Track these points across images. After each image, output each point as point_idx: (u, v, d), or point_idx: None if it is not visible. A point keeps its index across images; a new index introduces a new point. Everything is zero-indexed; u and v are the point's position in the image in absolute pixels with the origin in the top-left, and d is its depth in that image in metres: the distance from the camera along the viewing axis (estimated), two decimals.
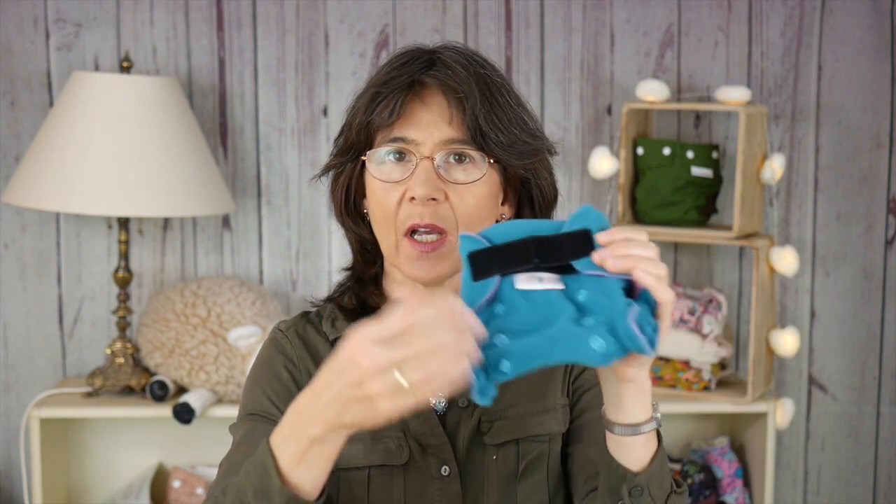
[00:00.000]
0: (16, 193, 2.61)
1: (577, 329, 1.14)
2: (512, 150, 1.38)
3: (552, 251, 1.18)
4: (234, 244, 2.90)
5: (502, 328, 1.17)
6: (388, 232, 1.39)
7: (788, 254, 2.75)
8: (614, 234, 1.17)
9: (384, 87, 1.38)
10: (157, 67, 2.85)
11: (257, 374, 1.46)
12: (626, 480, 1.28)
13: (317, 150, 2.89)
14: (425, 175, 1.36)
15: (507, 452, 1.42)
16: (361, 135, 1.40)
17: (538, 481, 1.44)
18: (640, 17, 2.92)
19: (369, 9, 2.88)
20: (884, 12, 2.95)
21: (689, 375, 2.75)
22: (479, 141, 1.37)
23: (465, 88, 1.36)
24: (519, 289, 1.18)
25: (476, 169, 1.38)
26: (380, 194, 1.39)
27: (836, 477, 3.07)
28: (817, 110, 2.97)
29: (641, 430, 1.26)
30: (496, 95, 1.38)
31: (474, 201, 1.38)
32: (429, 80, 1.38)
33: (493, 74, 1.41)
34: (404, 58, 1.41)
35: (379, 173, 1.39)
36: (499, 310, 1.18)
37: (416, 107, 1.38)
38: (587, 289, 1.17)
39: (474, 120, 1.36)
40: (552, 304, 1.17)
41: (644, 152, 2.78)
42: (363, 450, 1.40)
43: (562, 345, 1.14)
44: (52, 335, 2.88)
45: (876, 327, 3.03)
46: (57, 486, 2.73)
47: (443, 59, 1.40)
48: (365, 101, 1.40)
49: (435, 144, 1.37)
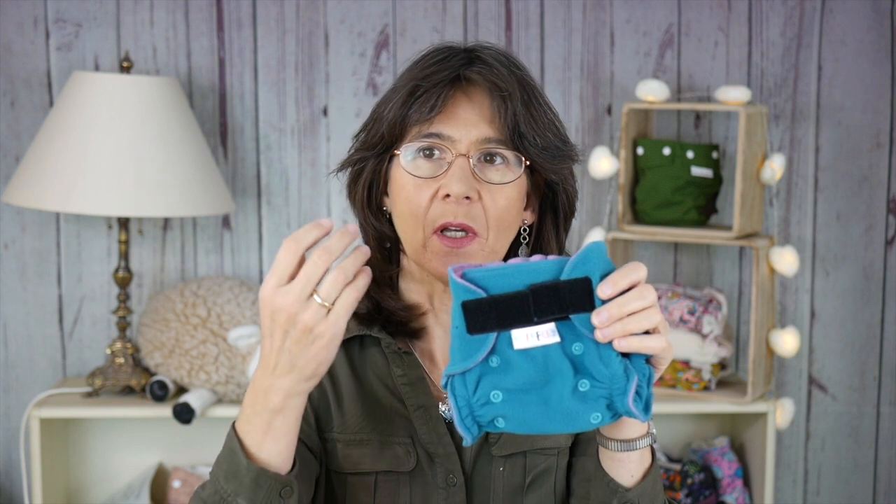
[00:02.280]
0: (16, 193, 2.61)
1: (575, 404, 1.15)
2: (546, 153, 1.36)
3: (551, 303, 1.14)
4: (234, 244, 2.90)
5: (498, 384, 1.16)
6: (415, 229, 1.36)
7: (788, 254, 2.75)
8: (615, 285, 1.14)
9: (425, 81, 1.35)
10: (157, 67, 2.85)
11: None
12: (617, 496, 1.27)
13: (317, 150, 2.89)
14: (461, 173, 1.34)
15: (514, 464, 1.41)
16: (395, 129, 1.37)
17: (544, 495, 1.43)
18: (640, 17, 2.92)
19: (369, 9, 2.88)
20: (884, 12, 2.95)
21: (689, 375, 2.75)
22: (516, 142, 1.35)
23: (509, 87, 1.34)
24: (517, 349, 1.15)
25: (510, 170, 1.36)
26: (410, 190, 1.36)
27: (836, 477, 3.07)
28: (817, 110, 2.97)
29: (636, 446, 1.26)
30: (532, 98, 1.37)
31: (506, 203, 1.36)
32: (474, 76, 1.36)
33: (528, 77, 1.39)
34: (441, 53, 1.38)
35: (412, 168, 1.36)
36: (494, 362, 1.16)
37: (459, 102, 1.36)
38: (583, 342, 1.15)
39: (514, 120, 1.34)
40: (549, 361, 1.15)
41: (644, 152, 2.78)
42: (370, 455, 1.39)
43: (562, 420, 1.15)
44: (52, 335, 2.88)
45: (876, 327, 3.03)
46: (57, 486, 2.73)
47: (482, 56, 1.37)
48: (403, 95, 1.36)
49: (472, 142, 1.35)
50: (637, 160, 2.80)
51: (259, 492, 1.22)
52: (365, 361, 1.42)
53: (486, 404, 1.16)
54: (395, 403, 1.40)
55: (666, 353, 1.17)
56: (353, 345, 1.43)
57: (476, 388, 1.16)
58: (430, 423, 1.38)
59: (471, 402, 1.16)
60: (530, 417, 1.15)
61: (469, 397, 1.16)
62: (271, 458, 1.23)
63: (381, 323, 1.42)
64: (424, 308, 1.43)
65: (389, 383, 1.41)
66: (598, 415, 1.15)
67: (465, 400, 1.16)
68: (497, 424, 1.17)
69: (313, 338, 1.17)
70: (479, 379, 1.16)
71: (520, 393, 1.15)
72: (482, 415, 1.16)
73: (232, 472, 1.22)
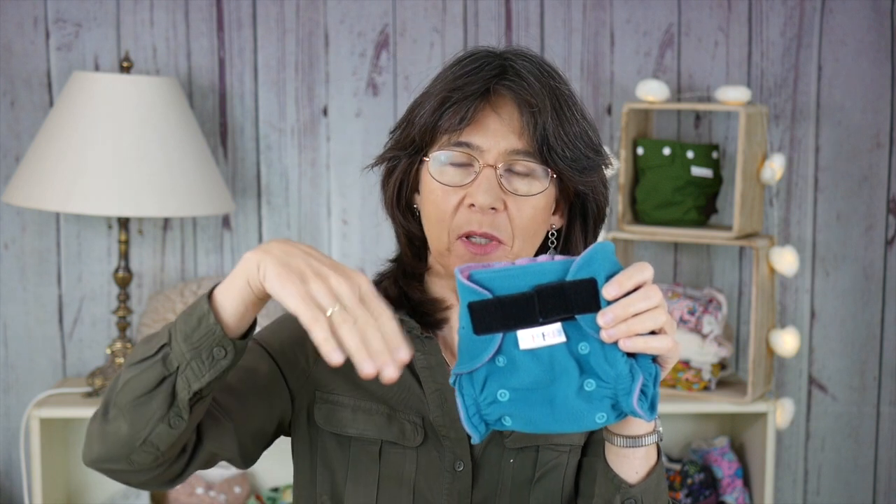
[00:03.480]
0: (16, 193, 2.61)
1: (580, 403, 1.16)
2: (575, 164, 1.38)
3: (556, 304, 1.15)
4: (234, 244, 2.90)
5: (505, 384, 1.17)
6: (440, 233, 1.39)
7: (788, 254, 2.75)
8: (621, 286, 1.15)
9: (456, 92, 1.37)
10: (157, 67, 2.85)
11: (288, 320, 1.46)
12: (620, 491, 1.28)
13: (317, 150, 2.89)
14: (488, 184, 1.35)
15: (525, 458, 1.42)
16: (426, 135, 1.39)
17: (552, 491, 1.43)
18: (640, 17, 2.92)
19: (369, 9, 2.88)
20: (884, 12, 2.95)
21: (689, 375, 2.75)
22: (544, 154, 1.36)
23: (539, 102, 1.36)
24: (523, 349, 1.17)
25: (537, 182, 1.37)
26: (438, 196, 1.38)
27: (836, 477, 3.07)
28: (817, 110, 2.97)
29: (642, 443, 1.27)
30: (564, 109, 1.38)
31: (532, 213, 1.37)
32: (504, 91, 1.37)
33: (563, 86, 1.40)
34: (475, 62, 1.39)
35: (440, 175, 1.38)
36: (500, 362, 1.17)
37: (487, 115, 1.37)
38: (588, 343, 1.16)
39: (543, 134, 1.35)
40: (555, 360, 1.16)
41: (644, 152, 2.78)
42: (376, 424, 1.41)
43: (567, 419, 1.17)
44: (52, 335, 2.88)
45: (876, 327, 3.03)
46: (57, 486, 2.73)
47: (515, 67, 1.38)
48: (434, 103, 1.38)
49: (500, 153, 1.36)
50: (637, 160, 2.80)
51: (197, 332, 1.21)
52: None
53: (493, 403, 1.17)
54: (412, 383, 1.42)
55: (672, 352, 1.18)
56: None
57: (483, 388, 1.18)
58: (444, 407, 1.39)
59: (478, 400, 1.18)
60: (536, 416, 1.17)
61: (476, 396, 1.18)
62: (225, 314, 1.21)
63: (407, 310, 1.44)
64: (448, 302, 1.46)
65: (409, 364, 1.42)
66: (604, 414, 1.16)
67: (472, 399, 1.18)
68: (504, 423, 1.18)
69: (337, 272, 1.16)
70: (486, 378, 1.17)
71: (526, 392, 1.17)
72: (489, 413, 1.18)
73: (187, 312, 1.22)
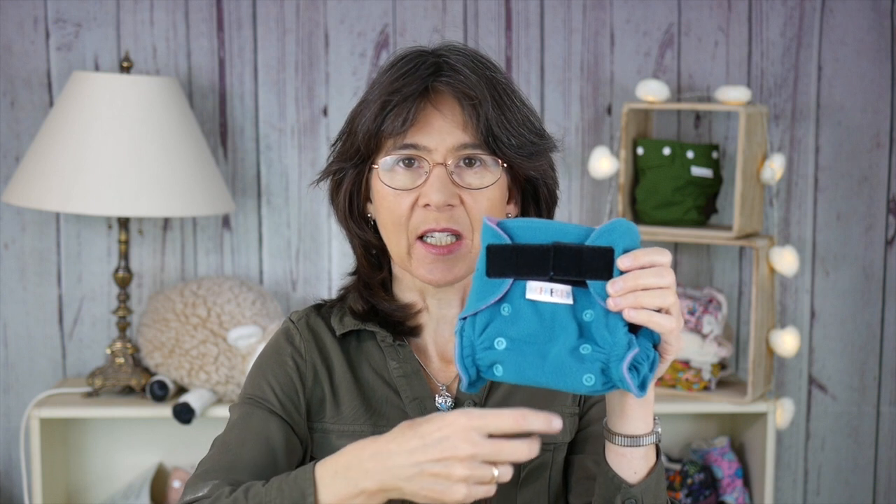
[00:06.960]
0: (16, 193, 2.61)
1: (572, 361, 1.16)
2: (522, 151, 1.38)
3: (570, 264, 1.17)
4: (234, 244, 2.90)
5: (504, 332, 1.19)
6: (398, 237, 1.39)
7: (788, 254, 2.75)
8: (635, 259, 1.16)
9: (395, 95, 1.36)
10: (157, 67, 2.85)
11: (264, 360, 1.47)
12: (621, 491, 1.28)
13: (317, 150, 2.89)
14: (440, 182, 1.36)
15: None
16: (371, 142, 1.39)
17: (539, 490, 1.43)
18: (640, 17, 2.92)
19: (369, 9, 2.88)
20: (884, 12, 2.95)
21: (689, 375, 2.75)
22: (490, 145, 1.37)
23: (479, 94, 1.36)
24: (528, 298, 1.19)
25: (489, 173, 1.38)
26: (391, 201, 1.38)
27: (836, 477, 3.07)
28: (817, 110, 2.97)
29: (642, 443, 1.27)
30: (504, 98, 1.38)
31: (488, 204, 1.38)
32: (442, 87, 1.37)
33: (499, 75, 1.40)
34: (409, 63, 1.39)
35: (391, 180, 1.38)
36: (504, 310, 1.19)
37: (429, 113, 1.37)
38: (594, 310, 1.17)
39: (487, 124, 1.36)
40: (557, 319, 1.18)
41: (644, 152, 2.78)
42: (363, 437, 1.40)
43: (554, 373, 1.17)
44: (52, 335, 2.88)
45: (876, 327, 3.03)
46: (57, 486, 2.73)
47: (450, 62, 1.38)
48: (374, 109, 1.37)
49: (447, 150, 1.37)
50: (637, 160, 2.80)
51: None
52: (361, 355, 1.45)
53: (488, 349, 1.19)
54: (390, 395, 1.42)
55: (673, 336, 1.18)
56: (350, 339, 1.46)
57: (483, 332, 1.19)
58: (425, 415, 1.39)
59: (474, 343, 1.19)
60: (525, 368, 1.18)
61: (474, 339, 1.19)
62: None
63: (377, 321, 1.44)
64: (419, 306, 1.45)
65: (385, 376, 1.43)
66: (591, 377, 1.17)
67: (469, 341, 1.20)
68: (495, 372, 1.19)
69: (446, 485, 1.14)
70: (488, 324, 1.19)
71: (522, 343, 1.18)
72: (483, 357, 1.19)
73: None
